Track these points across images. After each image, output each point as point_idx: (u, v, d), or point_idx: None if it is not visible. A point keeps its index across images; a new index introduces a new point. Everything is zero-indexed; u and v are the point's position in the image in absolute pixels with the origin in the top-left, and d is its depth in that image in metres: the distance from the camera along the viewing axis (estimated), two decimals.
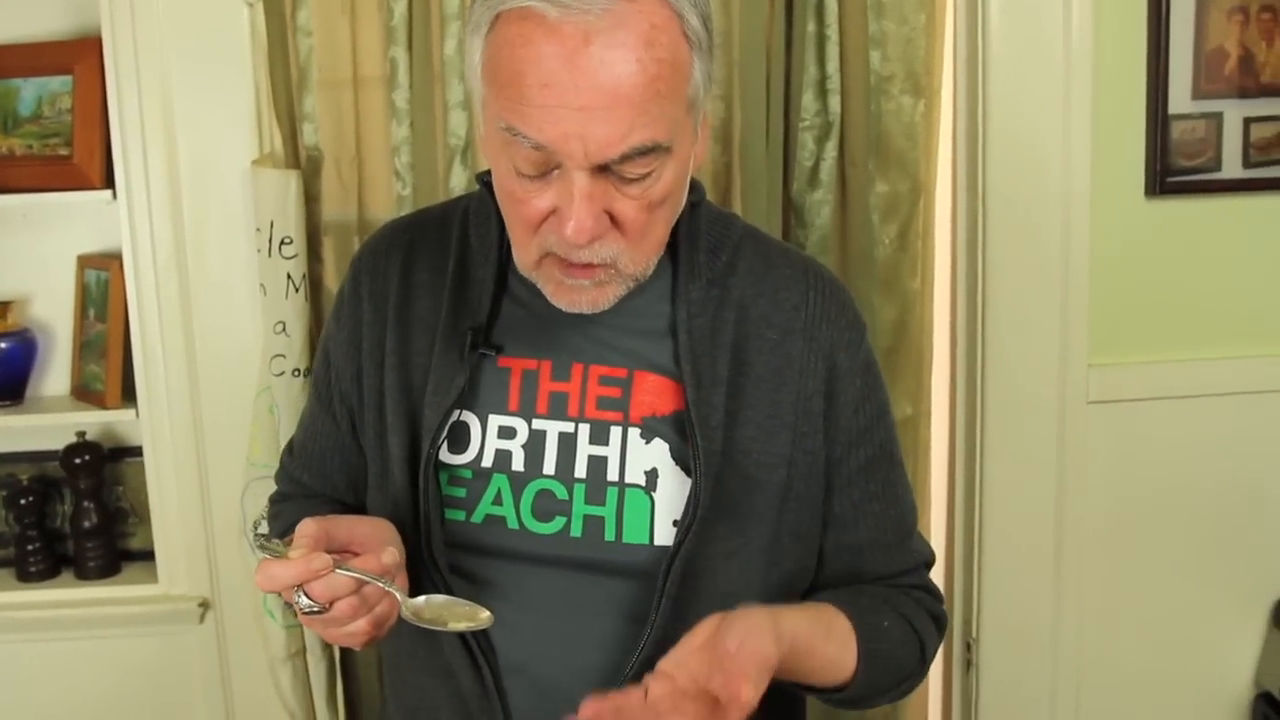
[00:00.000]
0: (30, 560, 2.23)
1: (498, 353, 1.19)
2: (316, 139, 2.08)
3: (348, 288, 1.29)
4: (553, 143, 1.01)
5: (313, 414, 1.34)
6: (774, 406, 1.18)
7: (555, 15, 0.99)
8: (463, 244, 1.24)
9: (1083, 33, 2.11)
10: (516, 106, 1.01)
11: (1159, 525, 2.25)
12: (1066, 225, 2.14)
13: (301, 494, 1.35)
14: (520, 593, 1.17)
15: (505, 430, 1.18)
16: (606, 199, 1.05)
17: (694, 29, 1.04)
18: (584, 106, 0.99)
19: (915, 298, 2.18)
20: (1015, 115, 2.13)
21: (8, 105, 2.17)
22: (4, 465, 2.27)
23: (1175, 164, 2.18)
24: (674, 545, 1.12)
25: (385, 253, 1.27)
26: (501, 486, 1.17)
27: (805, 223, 2.13)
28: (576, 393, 1.18)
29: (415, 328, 1.22)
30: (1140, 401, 2.21)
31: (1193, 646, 2.29)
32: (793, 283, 1.23)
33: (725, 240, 1.23)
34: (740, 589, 1.16)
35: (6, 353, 2.19)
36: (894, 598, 1.26)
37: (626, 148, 1.01)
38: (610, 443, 1.16)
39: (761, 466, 1.17)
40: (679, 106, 1.05)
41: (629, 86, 1.00)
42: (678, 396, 1.17)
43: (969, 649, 2.28)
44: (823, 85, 2.10)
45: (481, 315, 1.19)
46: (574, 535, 1.15)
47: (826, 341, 1.21)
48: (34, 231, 2.24)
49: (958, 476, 2.27)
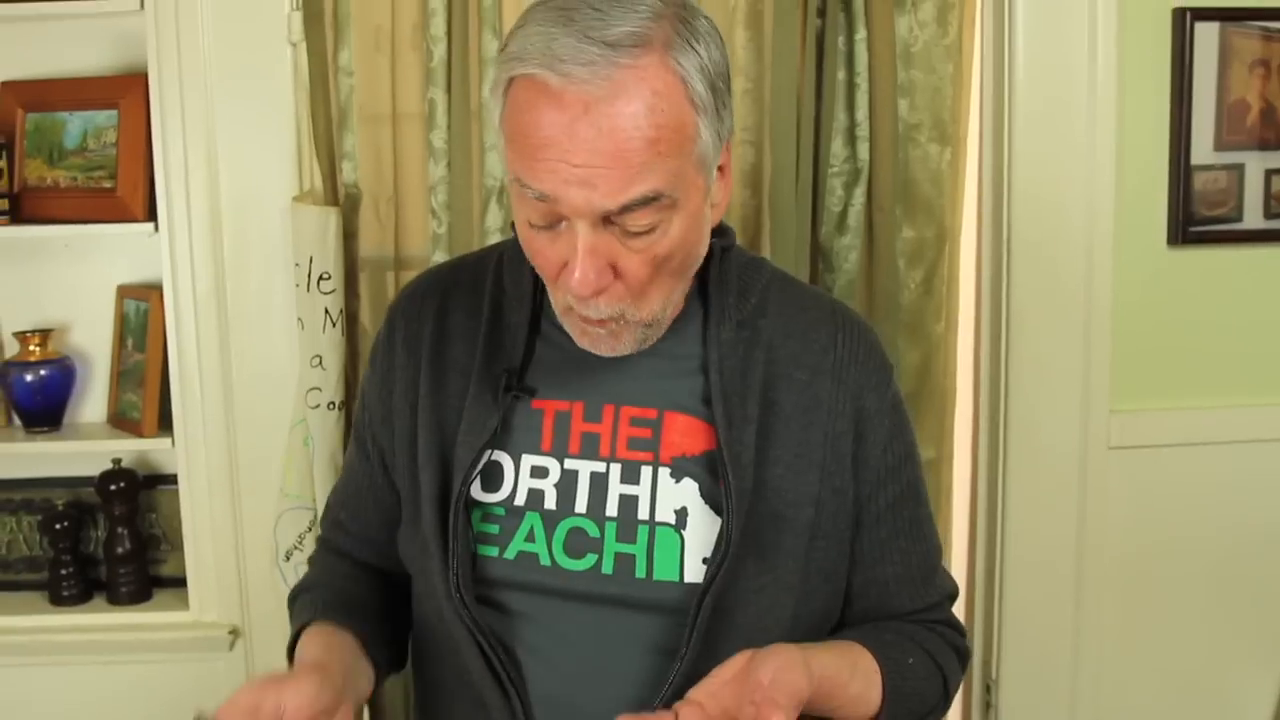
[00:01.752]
0: (63, 584, 2.26)
1: (531, 395, 1.22)
2: (355, 177, 2.12)
3: (383, 333, 1.33)
4: (554, 192, 1.05)
5: (351, 455, 1.40)
6: (803, 446, 1.21)
7: (558, 84, 1.03)
8: (497, 289, 1.28)
9: (1107, 84, 2.15)
10: (523, 160, 1.07)
11: (1179, 571, 2.27)
12: (1089, 272, 2.18)
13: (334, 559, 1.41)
14: (551, 626, 1.19)
15: (538, 470, 1.21)
16: (611, 253, 1.09)
17: (699, 94, 1.07)
18: (582, 164, 1.04)
19: (939, 342, 2.22)
20: (1040, 163, 2.16)
21: (54, 138, 2.22)
22: (40, 490, 2.31)
23: (1197, 213, 2.21)
24: (705, 581, 1.15)
25: (421, 298, 1.31)
26: (534, 524, 1.20)
27: (833, 267, 2.16)
28: (608, 433, 1.21)
29: (450, 371, 1.25)
30: (1161, 448, 2.23)
31: (1211, 693, 2.31)
32: (821, 325, 1.26)
33: (754, 283, 1.27)
34: (770, 624, 1.19)
35: (46, 380, 2.23)
36: (918, 633, 1.28)
37: (626, 199, 1.05)
38: (641, 482, 1.19)
39: (790, 505, 1.20)
40: (685, 163, 1.08)
41: (628, 150, 1.03)
42: (707, 436, 1.19)
43: (989, 691, 2.30)
44: (852, 132, 2.14)
45: (516, 358, 1.23)
46: (605, 572, 1.18)
47: (855, 383, 1.24)
48: (75, 261, 2.29)
49: (979, 519, 2.29)
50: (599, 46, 1.03)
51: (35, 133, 2.24)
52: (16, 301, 2.30)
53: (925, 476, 2.17)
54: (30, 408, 2.23)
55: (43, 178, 2.23)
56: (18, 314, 2.29)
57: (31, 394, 2.22)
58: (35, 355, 2.22)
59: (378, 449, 1.32)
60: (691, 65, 1.07)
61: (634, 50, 1.04)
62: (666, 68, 1.05)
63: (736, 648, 1.11)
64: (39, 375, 2.22)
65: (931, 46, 2.14)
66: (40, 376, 2.22)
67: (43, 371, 2.22)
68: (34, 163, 2.23)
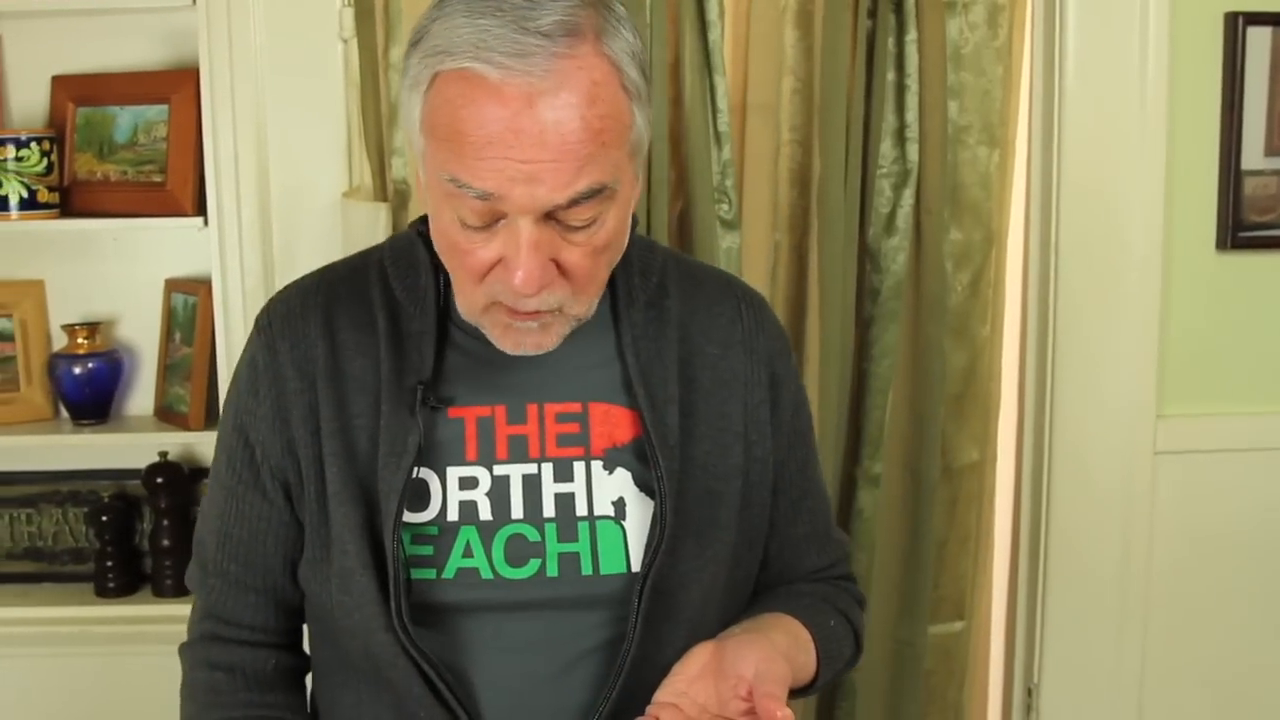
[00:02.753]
0: (109, 576, 2.27)
1: (449, 404, 1.17)
2: (405, 173, 2.13)
3: (261, 358, 1.21)
4: (498, 190, 1.01)
5: (231, 498, 1.23)
6: (724, 419, 1.22)
7: (497, 77, 0.99)
8: (387, 297, 1.21)
9: (1158, 88, 2.14)
10: (460, 160, 1.02)
11: (1224, 578, 2.26)
12: (1138, 277, 2.17)
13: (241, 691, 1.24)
14: (497, 640, 1.15)
15: (466, 481, 1.16)
16: (553, 247, 1.05)
17: (633, 80, 1.05)
18: (529, 160, 1.00)
19: (985, 344, 2.21)
20: (1089, 167, 2.16)
21: (104, 132, 2.24)
22: (87, 482, 2.33)
23: (1247, 219, 2.20)
24: (644, 567, 1.13)
25: (301, 315, 1.21)
26: (470, 538, 1.15)
27: (880, 268, 2.16)
28: (535, 433, 1.17)
29: (351, 389, 1.18)
30: (1208, 453, 2.22)
31: (1256, 703, 2.29)
32: (723, 299, 1.27)
33: (652, 264, 1.25)
34: (708, 601, 1.19)
35: (93, 372, 2.24)
36: (830, 594, 1.31)
37: (573, 193, 1.02)
38: (575, 479, 1.17)
39: (719, 479, 1.20)
40: (622, 152, 1.06)
41: (574, 143, 1.00)
42: (632, 422, 1.18)
43: (1030, 694, 2.29)
44: (901, 134, 2.14)
45: (426, 369, 1.16)
46: (550, 575, 1.14)
47: (765, 352, 1.26)
48: (124, 255, 2.30)
49: (1023, 523, 2.28)
50: (535, 37, 0.99)
51: (86, 127, 2.25)
52: (65, 294, 2.31)
53: (968, 479, 2.22)
54: (78, 400, 2.24)
55: (93, 171, 2.24)
56: (67, 307, 2.31)
57: (79, 386, 2.23)
58: (83, 348, 2.23)
59: (279, 483, 1.20)
60: (622, 51, 1.04)
61: (568, 40, 1.00)
62: (601, 55, 1.02)
63: (680, 630, 1.13)
64: (87, 368, 2.23)
65: (982, 49, 2.14)
66: (88, 369, 2.23)
67: (90, 364, 2.23)
68: (84, 157, 2.25)
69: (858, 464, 2.21)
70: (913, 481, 2.22)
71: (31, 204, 2.16)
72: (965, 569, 2.28)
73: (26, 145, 2.15)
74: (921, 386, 2.20)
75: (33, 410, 2.29)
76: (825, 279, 2.14)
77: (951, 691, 2.31)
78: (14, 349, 2.28)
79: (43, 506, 2.34)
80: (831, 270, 2.13)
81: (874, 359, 2.18)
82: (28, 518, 2.34)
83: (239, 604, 1.24)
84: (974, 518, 2.26)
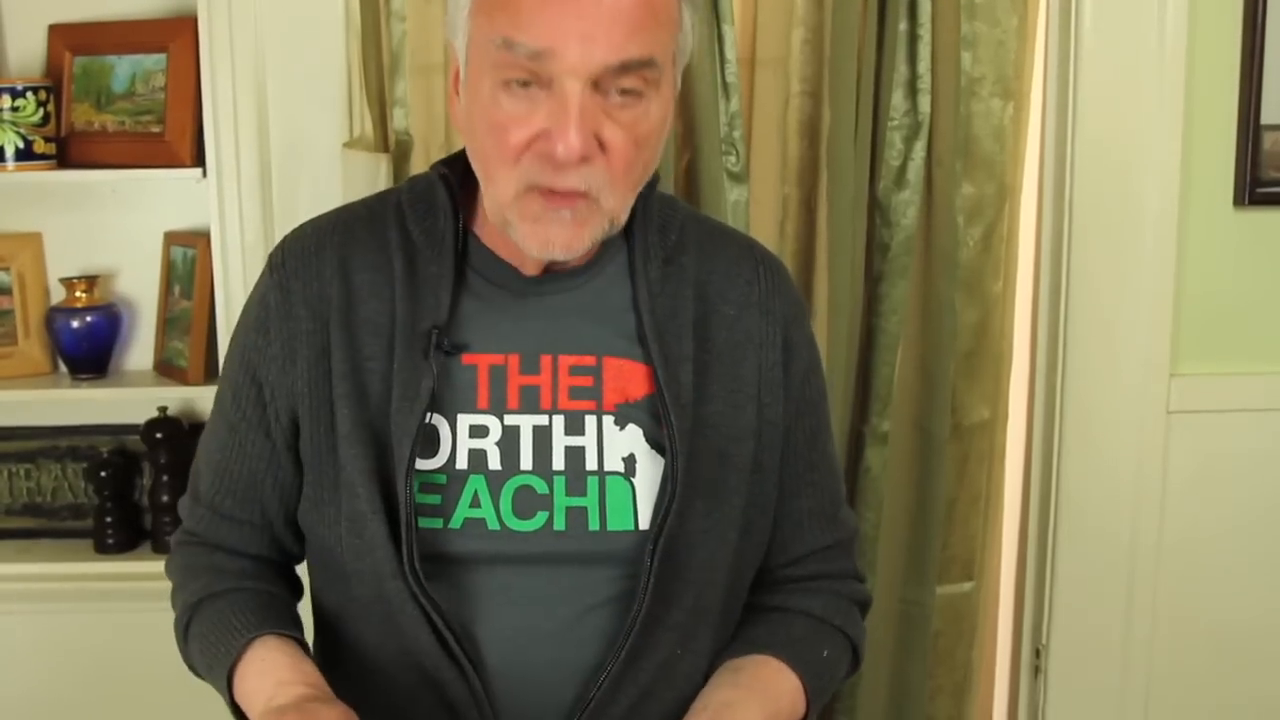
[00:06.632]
0: (108, 532, 2.25)
1: (463, 351, 1.16)
2: (406, 124, 2.09)
3: (274, 297, 1.19)
4: (554, 44, 1.02)
5: (233, 434, 1.22)
6: (738, 380, 1.21)
7: None
8: (404, 239, 1.19)
9: (1176, 42, 2.09)
10: (516, 18, 1.03)
11: (1236, 538, 2.23)
12: (1153, 233, 2.13)
13: (223, 557, 1.24)
14: (505, 594, 1.14)
15: (477, 429, 1.15)
16: (597, 121, 1.05)
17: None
18: (585, 17, 1.02)
19: (997, 301, 2.18)
20: (1104, 121, 2.12)
21: (102, 82, 2.20)
22: (86, 437, 2.30)
23: (1265, 175, 2.16)
24: (654, 526, 1.12)
25: (315, 254, 1.20)
26: (478, 488, 1.14)
27: (890, 222, 2.12)
28: (548, 385, 1.16)
29: (364, 332, 1.17)
30: (1221, 413, 2.19)
31: (1265, 663, 2.27)
32: (742, 260, 1.26)
33: (672, 220, 1.25)
34: (718, 564, 1.18)
35: (92, 326, 2.21)
36: (827, 609, 1.27)
37: (625, 56, 1.03)
38: (586, 432, 1.16)
39: (731, 440, 1.19)
40: (670, 41, 1.08)
41: (629, 6, 1.03)
42: (647, 380, 1.17)
43: (1038, 655, 2.27)
44: (913, 85, 2.09)
45: (442, 313, 1.15)
46: (558, 529, 1.14)
47: (781, 315, 1.24)
48: (123, 207, 2.27)
49: (1033, 481, 2.26)
50: None
51: (83, 76, 2.21)
52: (63, 247, 2.28)
53: (979, 437, 2.19)
54: (76, 354, 2.22)
55: (90, 122, 2.21)
56: (65, 260, 2.28)
57: (78, 341, 2.21)
58: (82, 301, 2.20)
59: (282, 425, 1.19)
60: None
61: None
62: None
63: (688, 589, 1.14)
64: (85, 322, 2.20)
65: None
66: (86, 323, 2.21)
67: (89, 318, 2.21)
68: (81, 107, 2.21)
69: (866, 421, 2.18)
70: (922, 439, 2.19)
71: (28, 155, 2.13)
72: (975, 529, 2.25)
73: (22, 95, 2.12)
74: (932, 343, 2.16)
75: (31, 364, 2.27)
76: (834, 233, 2.10)
77: (960, 652, 2.28)
78: (12, 303, 2.25)
79: (41, 462, 2.32)
80: (841, 224, 2.09)
81: (883, 314, 2.14)
82: (26, 473, 2.32)
83: (229, 533, 1.24)
84: (984, 477, 2.23)
